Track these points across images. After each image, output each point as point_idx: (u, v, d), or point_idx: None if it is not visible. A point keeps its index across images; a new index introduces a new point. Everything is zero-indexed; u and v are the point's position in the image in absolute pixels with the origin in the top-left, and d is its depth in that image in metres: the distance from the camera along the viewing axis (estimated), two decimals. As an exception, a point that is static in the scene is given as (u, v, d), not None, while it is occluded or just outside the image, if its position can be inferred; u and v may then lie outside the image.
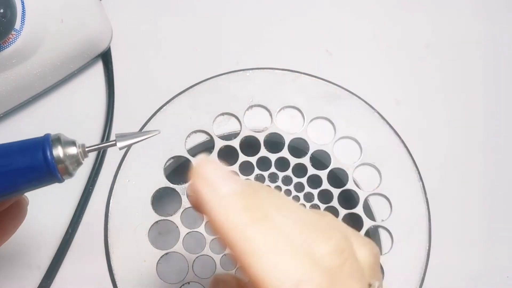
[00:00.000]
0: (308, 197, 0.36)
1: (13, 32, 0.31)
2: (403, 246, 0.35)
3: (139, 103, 0.37)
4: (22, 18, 0.31)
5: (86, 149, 0.24)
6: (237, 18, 0.41)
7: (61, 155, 0.23)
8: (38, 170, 0.23)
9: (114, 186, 0.35)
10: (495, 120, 0.40)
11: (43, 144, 0.23)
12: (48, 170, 0.23)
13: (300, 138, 0.37)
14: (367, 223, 0.35)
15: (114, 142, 0.24)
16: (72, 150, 0.23)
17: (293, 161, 0.36)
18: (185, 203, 0.35)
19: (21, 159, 0.22)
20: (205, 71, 0.38)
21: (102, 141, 0.35)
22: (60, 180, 0.23)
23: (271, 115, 0.37)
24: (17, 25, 0.31)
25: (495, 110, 0.40)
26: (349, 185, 0.36)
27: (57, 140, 0.23)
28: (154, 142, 0.36)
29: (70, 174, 0.23)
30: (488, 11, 0.43)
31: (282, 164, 0.36)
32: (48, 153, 0.22)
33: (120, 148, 0.24)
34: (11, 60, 0.32)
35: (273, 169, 0.36)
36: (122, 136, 0.24)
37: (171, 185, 0.35)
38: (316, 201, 0.36)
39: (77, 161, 0.24)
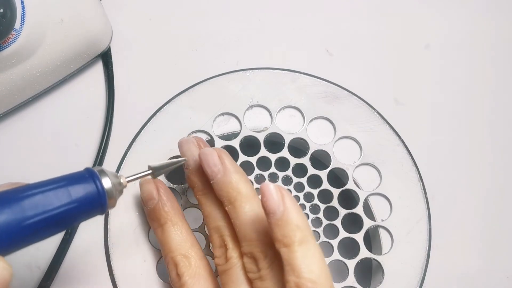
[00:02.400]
0: (308, 197, 0.36)
1: (13, 32, 0.31)
2: (403, 246, 0.35)
3: (139, 103, 0.37)
4: (22, 18, 0.31)
5: (126, 179, 0.26)
6: (237, 18, 0.41)
7: (110, 186, 0.24)
8: (91, 204, 0.24)
9: (114, 186, 0.35)
10: (496, 120, 0.40)
11: (93, 178, 0.24)
12: (101, 202, 0.24)
13: (300, 138, 0.37)
14: (367, 223, 0.35)
15: (150, 171, 0.27)
16: (117, 181, 0.25)
17: (293, 161, 0.36)
18: (185, 202, 0.35)
19: (75, 198, 0.23)
20: (205, 71, 0.38)
21: (102, 141, 0.35)
22: (105, 211, 0.25)
23: (271, 115, 0.37)
24: (17, 25, 0.31)
25: (495, 109, 0.40)
26: (349, 185, 0.36)
27: (102, 172, 0.25)
28: (154, 142, 0.36)
29: (113, 205, 0.25)
30: (488, 11, 0.43)
31: (282, 164, 0.36)
32: (100, 186, 0.24)
33: (155, 177, 0.28)
34: (11, 60, 0.32)
35: (273, 169, 0.36)
36: (156, 167, 0.27)
37: (171, 185, 0.35)
38: (316, 201, 0.36)
39: (121, 191, 0.26)
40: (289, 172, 0.36)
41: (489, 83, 0.41)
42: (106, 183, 0.24)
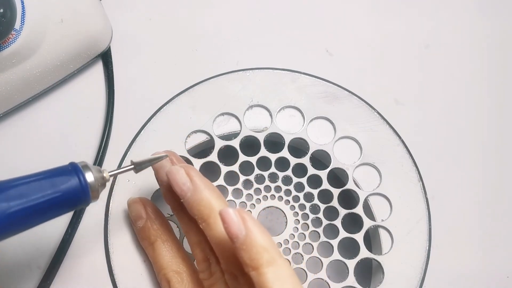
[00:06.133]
0: (308, 197, 0.36)
1: (13, 32, 0.31)
2: (403, 246, 0.35)
3: (139, 103, 0.37)
4: (22, 18, 0.31)
5: (109, 173, 0.27)
6: (237, 18, 0.41)
7: (93, 180, 0.26)
8: (74, 196, 0.25)
9: (114, 186, 0.35)
10: (495, 120, 0.40)
11: (77, 171, 0.25)
12: (84, 194, 0.25)
13: (300, 138, 0.37)
14: (367, 223, 0.35)
15: (132, 166, 0.28)
16: (100, 175, 0.26)
17: (293, 161, 0.36)
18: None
19: (58, 188, 0.25)
20: (205, 71, 0.38)
21: (102, 140, 0.35)
22: (89, 203, 0.26)
23: (271, 115, 0.37)
24: (17, 25, 0.31)
25: (495, 109, 0.40)
26: (349, 185, 0.36)
27: (86, 166, 0.26)
28: (154, 143, 0.36)
29: (96, 197, 0.26)
30: (488, 11, 0.43)
31: (282, 164, 0.36)
32: (82, 178, 0.25)
33: (137, 172, 0.29)
34: (11, 60, 0.32)
35: (273, 169, 0.36)
36: (138, 162, 0.28)
37: (171, 185, 0.35)
38: (316, 201, 0.36)
39: (103, 184, 0.27)
40: (289, 172, 0.36)
41: (489, 83, 0.41)
42: (89, 176, 0.26)
